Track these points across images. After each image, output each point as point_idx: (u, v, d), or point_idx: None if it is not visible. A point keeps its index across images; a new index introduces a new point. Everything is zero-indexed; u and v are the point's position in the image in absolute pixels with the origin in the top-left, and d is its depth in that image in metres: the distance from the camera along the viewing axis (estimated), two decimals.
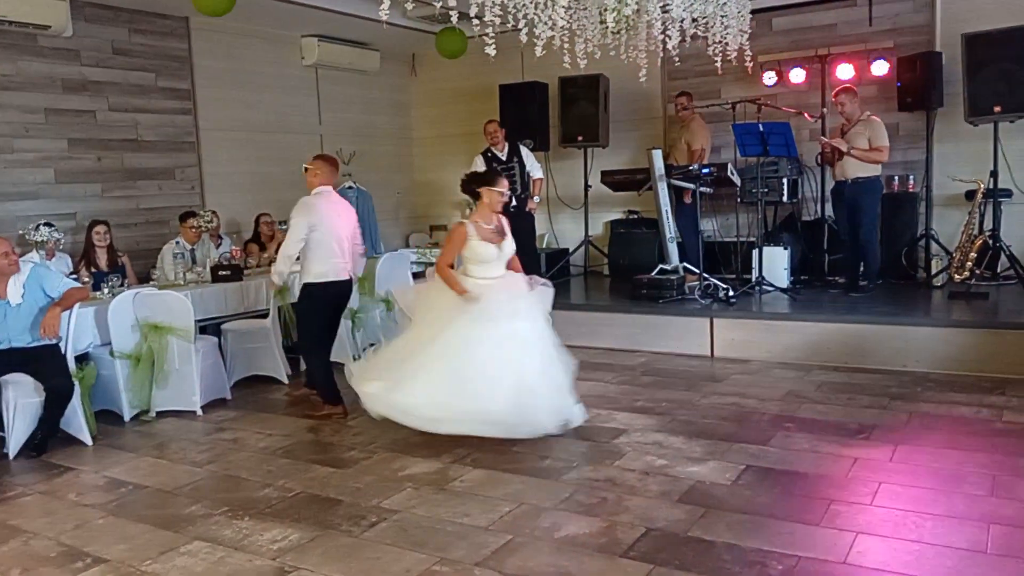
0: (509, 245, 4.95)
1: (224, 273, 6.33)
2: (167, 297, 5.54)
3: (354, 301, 6.82)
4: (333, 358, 5.70)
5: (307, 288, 5.31)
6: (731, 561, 3.15)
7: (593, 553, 3.26)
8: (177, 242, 6.85)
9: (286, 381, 6.33)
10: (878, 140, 6.81)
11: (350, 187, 8.99)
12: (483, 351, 4.57)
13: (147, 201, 7.73)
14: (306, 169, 5.40)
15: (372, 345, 7.28)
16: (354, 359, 6.73)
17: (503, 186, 4.93)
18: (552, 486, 4.00)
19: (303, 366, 6.65)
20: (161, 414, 5.53)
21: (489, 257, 4.84)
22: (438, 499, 3.90)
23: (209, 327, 6.25)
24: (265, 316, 6.31)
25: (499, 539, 3.42)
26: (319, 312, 5.36)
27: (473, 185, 4.93)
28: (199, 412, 5.55)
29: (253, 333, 6.27)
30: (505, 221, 5.00)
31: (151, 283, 6.31)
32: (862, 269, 7.18)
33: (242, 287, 6.35)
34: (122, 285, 5.85)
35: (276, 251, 7.46)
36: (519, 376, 4.54)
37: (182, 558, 3.39)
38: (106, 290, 5.68)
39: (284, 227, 7.60)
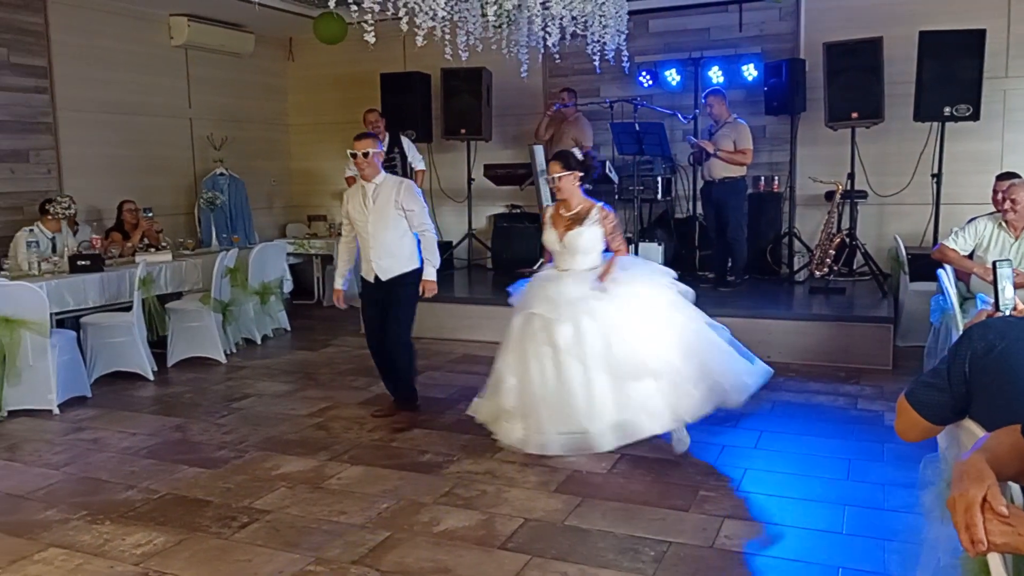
0: (577, 238, 4.42)
1: (83, 263, 5.96)
2: (18, 288, 5.17)
3: (225, 293, 6.60)
4: (200, 352, 5.60)
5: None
6: (606, 548, 3.22)
7: (471, 546, 3.27)
8: (31, 229, 6.39)
9: (151, 378, 6.01)
10: (742, 143, 7.15)
11: (221, 174, 8.66)
12: (530, 352, 4.28)
13: None
14: (367, 155, 4.78)
15: (246, 341, 7.07)
16: (226, 355, 6.52)
17: (551, 171, 4.49)
18: (432, 480, 3.98)
19: (170, 362, 6.39)
20: (13, 413, 5.16)
21: (550, 244, 4.55)
22: (313, 498, 3.80)
23: (67, 320, 5.88)
24: (129, 309, 5.99)
25: (376, 536, 3.37)
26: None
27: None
28: (56, 411, 5.21)
29: (115, 327, 5.93)
30: (599, 214, 4.45)
31: (2, 273, 5.86)
32: (730, 265, 7.49)
33: (103, 278, 6.00)
34: None
35: (141, 240, 7.14)
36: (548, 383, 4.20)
37: (35, 567, 3.18)
38: None
39: (149, 214, 7.28)
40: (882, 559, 3.09)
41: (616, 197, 7.81)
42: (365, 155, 4.74)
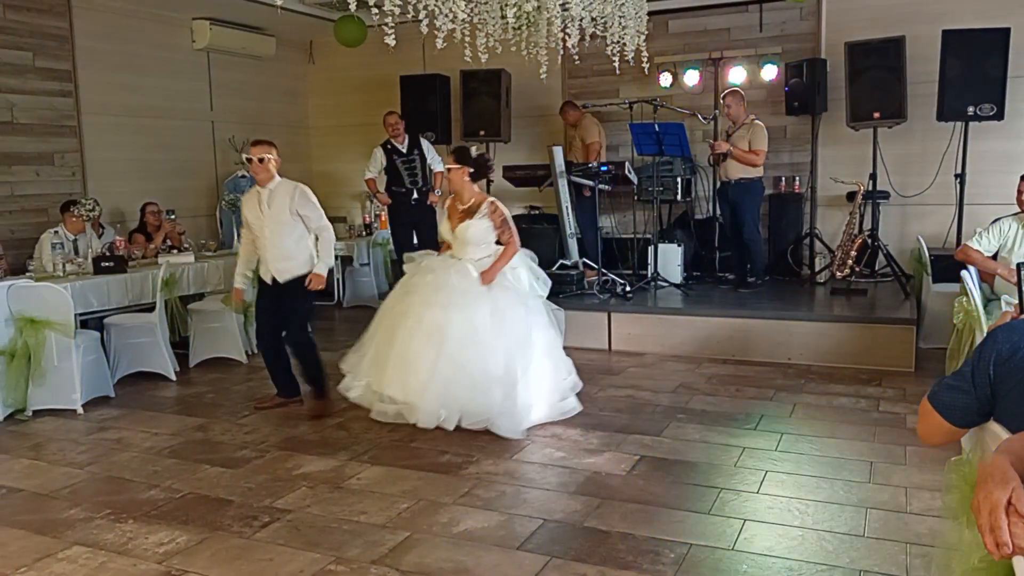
0: (467, 230, 4.83)
1: (107, 264, 6.02)
2: (44, 289, 5.23)
3: (246, 294, 6.64)
4: (222, 353, 5.86)
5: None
6: (625, 550, 3.21)
7: (490, 547, 3.27)
8: (56, 231, 6.48)
9: (174, 378, 6.07)
10: (757, 144, 7.13)
11: (243, 176, 8.74)
12: (402, 326, 4.71)
13: (23, 187, 7.28)
14: (261, 160, 4.94)
15: None
16: (247, 355, 6.57)
17: (446, 162, 5.07)
18: (451, 481, 3.99)
19: (192, 362, 6.45)
20: (38, 413, 5.23)
21: (444, 234, 5.03)
22: (333, 497, 3.82)
23: (91, 321, 5.94)
24: (152, 310, 6.05)
25: (396, 536, 3.38)
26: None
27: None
28: (80, 411, 5.27)
29: (138, 328, 5.99)
30: (487, 208, 4.86)
31: (27, 274, 5.94)
32: (748, 266, 7.45)
33: (127, 279, 6.06)
34: None
35: (163, 241, 7.21)
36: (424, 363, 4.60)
37: (60, 564, 3.22)
38: None
39: (172, 216, 7.36)
40: (905, 563, 3.07)
41: (635, 198, 7.81)
42: (260, 160, 4.88)
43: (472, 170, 4.91)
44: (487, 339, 4.59)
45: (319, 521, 3.56)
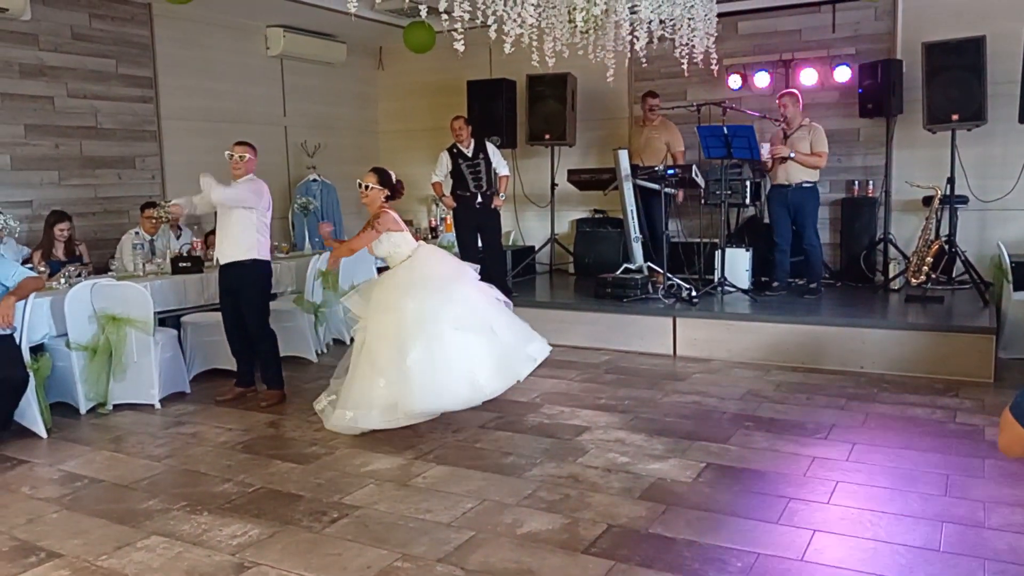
0: (380, 249, 5.16)
1: (184, 265, 6.22)
2: (126, 288, 5.44)
3: (317, 295, 6.79)
4: (294, 352, 6.03)
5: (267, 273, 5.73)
6: (691, 558, 3.18)
7: (555, 549, 3.28)
8: (136, 232, 6.73)
9: None
10: (820, 146, 7.04)
11: (314, 180, 8.93)
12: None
13: (106, 190, 7.59)
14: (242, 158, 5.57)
15: (335, 341, 7.26)
16: (317, 354, 6.71)
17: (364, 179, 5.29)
18: (515, 483, 4.01)
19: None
20: (118, 407, 5.43)
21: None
22: (400, 495, 3.88)
23: (168, 319, 6.14)
24: None
25: (461, 535, 3.42)
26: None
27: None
28: (157, 405, 5.46)
29: (213, 326, 6.16)
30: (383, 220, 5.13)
31: (109, 274, 6.18)
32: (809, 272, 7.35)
33: (203, 279, 6.25)
34: (79, 275, 5.73)
35: None
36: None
37: (139, 553, 3.34)
38: (63, 280, 5.56)
39: None
40: None
41: (702, 202, 7.72)
42: (241, 158, 5.50)
43: (388, 192, 5.25)
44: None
45: (386, 518, 3.62)
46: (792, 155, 7.00)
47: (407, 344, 4.68)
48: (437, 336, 4.73)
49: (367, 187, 5.15)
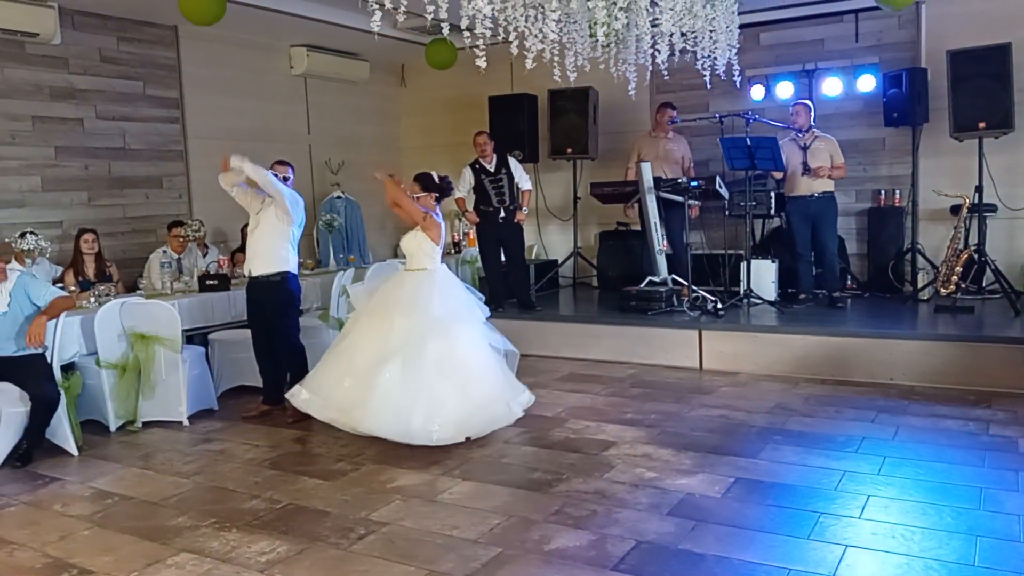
0: (408, 240, 5.22)
1: (211, 283, 6.29)
2: (154, 306, 5.50)
3: (342, 311, 6.82)
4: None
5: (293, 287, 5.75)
6: (721, 574, 3.15)
7: (583, 566, 3.26)
8: (164, 251, 6.82)
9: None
10: (840, 157, 7.15)
11: (338, 197, 9.00)
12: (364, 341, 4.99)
13: (134, 209, 7.69)
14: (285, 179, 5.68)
15: None
16: None
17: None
18: (541, 499, 3.99)
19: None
20: (147, 424, 5.48)
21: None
22: (426, 511, 3.88)
23: (196, 337, 6.20)
24: None
25: (489, 552, 3.41)
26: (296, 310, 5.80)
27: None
28: (186, 422, 5.50)
29: (240, 343, 6.22)
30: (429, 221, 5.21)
31: (138, 292, 6.26)
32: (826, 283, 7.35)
33: (229, 296, 6.32)
34: (108, 294, 5.81)
35: None
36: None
37: (168, 570, 3.36)
38: (92, 299, 5.64)
39: None
40: None
41: (727, 213, 7.68)
42: (286, 179, 5.63)
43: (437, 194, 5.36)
44: None
45: (413, 534, 3.61)
46: (828, 174, 7.08)
47: (388, 357, 4.78)
48: (416, 362, 4.79)
49: (416, 197, 5.26)
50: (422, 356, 4.79)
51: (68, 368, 5.22)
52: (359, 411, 4.74)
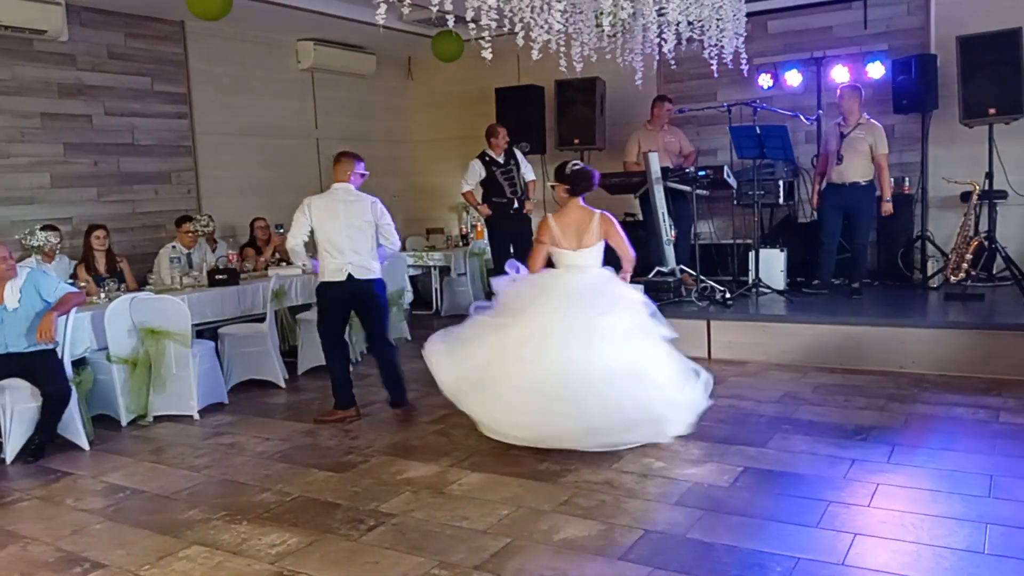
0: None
1: (221, 277, 6.32)
2: (164, 301, 5.53)
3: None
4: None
5: (316, 289, 5.43)
6: (730, 563, 3.15)
7: (592, 556, 3.26)
8: (174, 246, 6.85)
9: (283, 385, 6.32)
10: (882, 147, 6.87)
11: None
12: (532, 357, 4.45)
13: (143, 205, 7.73)
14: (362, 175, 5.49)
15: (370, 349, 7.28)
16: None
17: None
18: (550, 489, 4.00)
19: (300, 370, 6.69)
20: (158, 419, 5.52)
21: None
22: (436, 503, 3.90)
23: (206, 331, 6.23)
24: (262, 320, 6.30)
25: (498, 542, 3.42)
26: (322, 313, 5.38)
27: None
28: (196, 417, 5.53)
29: (250, 337, 6.26)
30: (598, 220, 4.90)
31: (148, 287, 6.29)
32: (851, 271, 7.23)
33: (239, 291, 6.34)
34: (119, 289, 5.84)
35: (272, 255, 7.51)
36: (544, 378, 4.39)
37: (180, 563, 3.39)
38: (103, 294, 5.67)
39: (280, 230, 7.65)
40: None
41: (735, 202, 7.66)
42: (362, 175, 5.44)
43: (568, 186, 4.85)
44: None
45: (423, 526, 3.63)
46: (889, 199, 6.97)
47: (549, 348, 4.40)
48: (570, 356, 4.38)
49: (553, 187, 5.05)
50: (592, 346, 4.45)
51: (79, 363, 5.26)
52: (485, 399, 4.48)
